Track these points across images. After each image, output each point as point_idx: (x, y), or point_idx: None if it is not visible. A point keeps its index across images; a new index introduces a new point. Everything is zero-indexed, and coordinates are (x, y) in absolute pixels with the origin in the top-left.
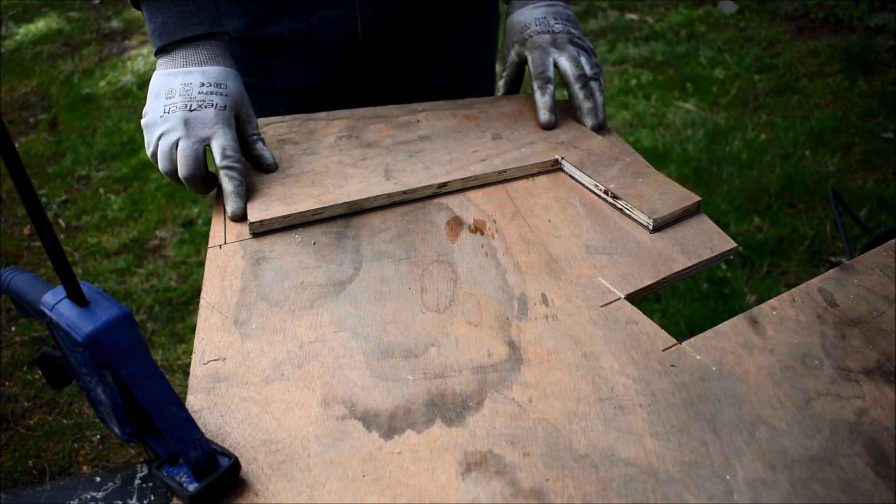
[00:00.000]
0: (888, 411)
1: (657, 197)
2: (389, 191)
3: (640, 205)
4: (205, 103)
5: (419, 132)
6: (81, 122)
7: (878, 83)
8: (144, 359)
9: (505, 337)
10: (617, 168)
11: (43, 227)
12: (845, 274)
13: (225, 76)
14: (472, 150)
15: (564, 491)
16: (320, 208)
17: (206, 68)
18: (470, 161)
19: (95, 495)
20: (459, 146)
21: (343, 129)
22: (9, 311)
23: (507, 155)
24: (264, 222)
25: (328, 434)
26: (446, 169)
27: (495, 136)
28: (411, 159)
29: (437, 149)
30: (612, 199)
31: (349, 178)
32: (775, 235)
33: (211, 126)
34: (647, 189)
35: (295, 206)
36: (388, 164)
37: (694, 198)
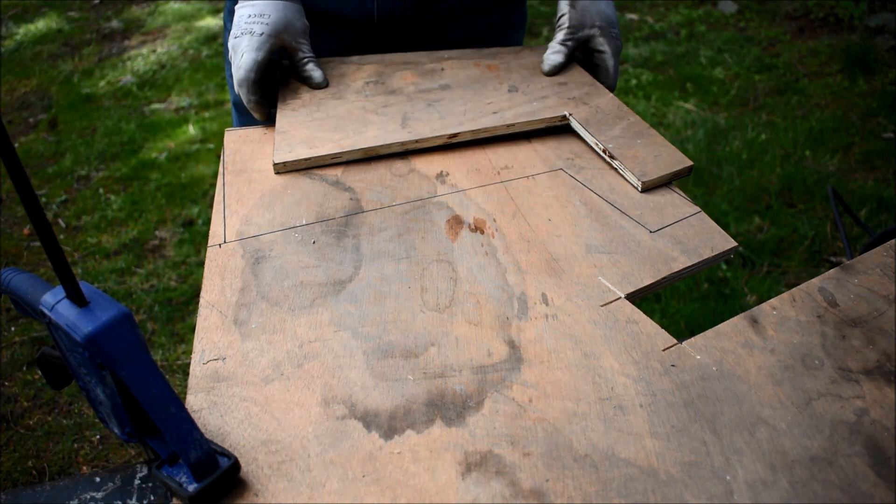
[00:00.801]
0: (888, 411)
1: (651, 159)
2: (403, 139)
3: (633, 166)
4: (245, 31)
5: (441, 81)
6: (81, 122)
7: (878, 83)
8: (144, 359)
9: (505, 336)
10: (620, 128)
11: (42, 227)
12: (845, 274)
13: (270, 8)
14: (486, 102)
15: (564, 491)
16: (338, 153)
17: (257, 1)
18: (482, 113)
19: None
20: (476, 97)
21: (372, 74)
22: (9, 311)
23: (519, 108)
24: (287, 163)
25: (328, 434)
26: (459, 120)
27: (511, 89)
28: (429, 108)
29: (454, 99)
30: (609, 157)
31: (369, 124)
32: (775, 235)
33: (245, 50)
34: (644, 151)
35: (316, 150)
36: (406, 112)
37: (686, 162)
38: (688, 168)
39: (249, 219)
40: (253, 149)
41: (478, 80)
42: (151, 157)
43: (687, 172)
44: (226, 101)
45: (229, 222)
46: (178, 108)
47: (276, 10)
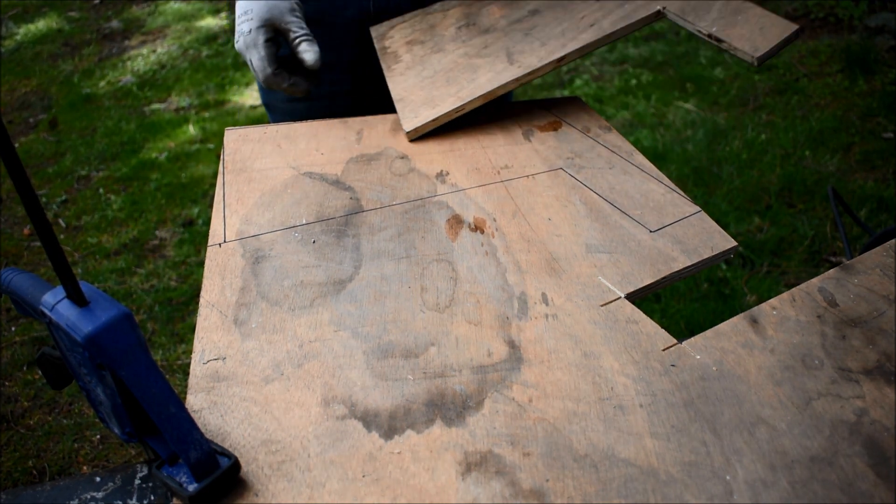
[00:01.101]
0: (888, 411)
1: (757, 32)
2: (516, 75)
3: (742, 44)
4: (240, 32)
5: (528, 6)
6: (81, 122)
7: (878, 83)
8: (144, 359)
9: (505, 336)
10: (716, 9)
11: (43, 227)
12: (845, 274)
13: (248, 5)
14: (580, 17)
15: (564, 491)
16: (460, 105)
17: (240, 1)
18: (580, 28)
19: (95, 495)
20: (567, 15)
21: (459, 17)
22: (9, 311)
23: (613, 15)
24: (418, 128)
25: (328, 434)
26: (561, 42)
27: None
28: (527, 38)
29: (548, 22)
30: (715, 42)
31: (477, 69)
32: (775, 235)
33: (246, 50)
34: (747, 26)
35: (439, 108)
36: (508, 48)
37: (792, 27)
38: (795, 32)
39: (249, 218)
40: (253, 148)
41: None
42: (151, 157)
43: (795, 37)
44: (226, 101)
45: (229, 222)
46: (178, 108)
47: (259, 2)
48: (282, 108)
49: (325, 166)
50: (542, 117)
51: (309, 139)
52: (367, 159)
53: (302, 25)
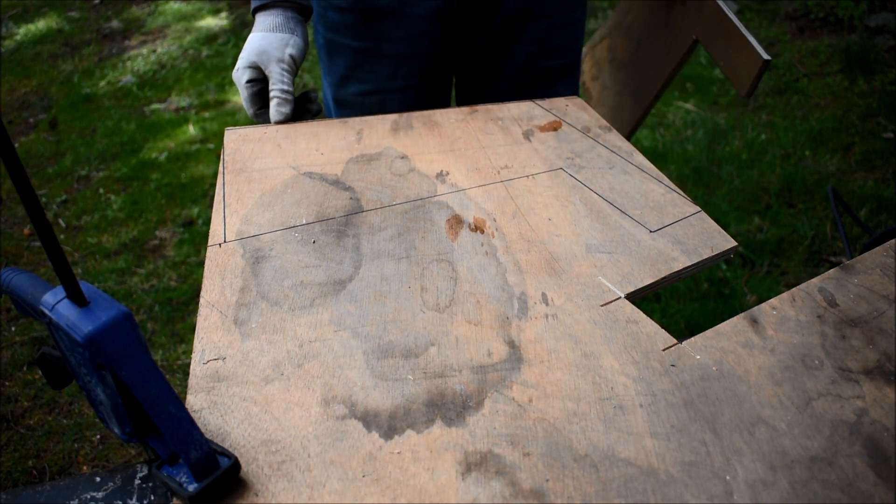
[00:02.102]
0: (888, 411)
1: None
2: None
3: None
4: (235, 69)
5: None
6: (81, 122)
7: (878, 83)
8: (144, 359)
9: (505, 336)
10: None
11: (43, 227)
12: (845, 274)
13: (248, 42)
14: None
15: (564, 491)
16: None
17: (251, 34)
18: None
19: (95, 495)
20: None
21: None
22: (9, 311)
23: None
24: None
25: (328, 434)
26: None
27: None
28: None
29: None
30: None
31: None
32: (775, 235)
33: (236, 84)
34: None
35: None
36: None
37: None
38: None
39: (249, 218)
40: (253, 148)
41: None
42: (151, 157)
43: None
44: (226, 101)
45: (229, 222)
46: (178, 108)
47: (252, 42)
48: (353, 101)
49: (325, 166)
50: (542, 117)
51: (309, 139)
52: (367, 159)
53: (283, 78)
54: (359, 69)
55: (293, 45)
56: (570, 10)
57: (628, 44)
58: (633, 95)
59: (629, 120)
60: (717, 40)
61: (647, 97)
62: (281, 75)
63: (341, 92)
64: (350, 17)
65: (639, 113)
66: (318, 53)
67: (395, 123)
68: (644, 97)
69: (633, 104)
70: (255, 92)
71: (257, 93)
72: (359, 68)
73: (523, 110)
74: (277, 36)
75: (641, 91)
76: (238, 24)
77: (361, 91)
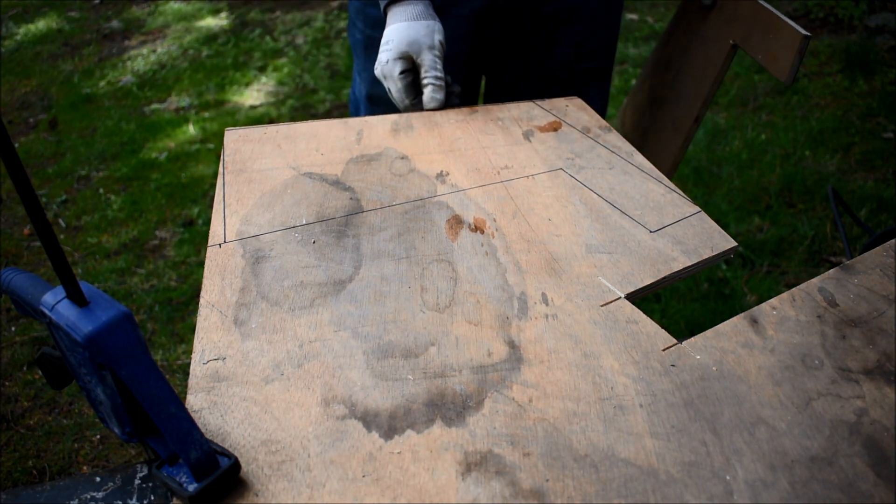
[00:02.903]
0: (888, 411)
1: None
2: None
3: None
4: (379, 62)
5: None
6: (81, 122)
7: (878, 83)
8: (144, 359)
9: (505, 336)
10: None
11: (43, 227)
12: (845, 274)
13: (394, 32)
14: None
15: (564, 491)
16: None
17: (388, 27)
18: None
19: (95, 495)
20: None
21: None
22: (9, 311)
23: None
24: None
25: (328, 434)
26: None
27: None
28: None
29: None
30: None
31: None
32: (775, 235)
33: (384, 79)
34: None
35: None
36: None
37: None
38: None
39: (249, 218)
40: (253, 148)
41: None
42: (151, 157)
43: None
44: (226, 101)
45: (229, 222)
46: (178, 108)
47: (399, 31)
48: (387, 99)
49: (325, 167)
50: (542, 117)
51: (309, 139)
52: (367, 159)
53: (436, 65)
54: None
55: (439, 31)
56: (610, 13)
57: (667, 78)
58: (673, 126)
59: (672, 153)
60: (754, 35)
61: (686, 123)
62: (434, 62)
63: (377, 89)
64: None
65: (679, 142)
66: (353, 49)
67: (395, 124)
68: (682, 124)
69: (674, 136)
70: (410, 83)
71: (411, 83)
72: None
73: (523, 110)
74: (423, 24)
75: (680, 120)
76: (238, 23)
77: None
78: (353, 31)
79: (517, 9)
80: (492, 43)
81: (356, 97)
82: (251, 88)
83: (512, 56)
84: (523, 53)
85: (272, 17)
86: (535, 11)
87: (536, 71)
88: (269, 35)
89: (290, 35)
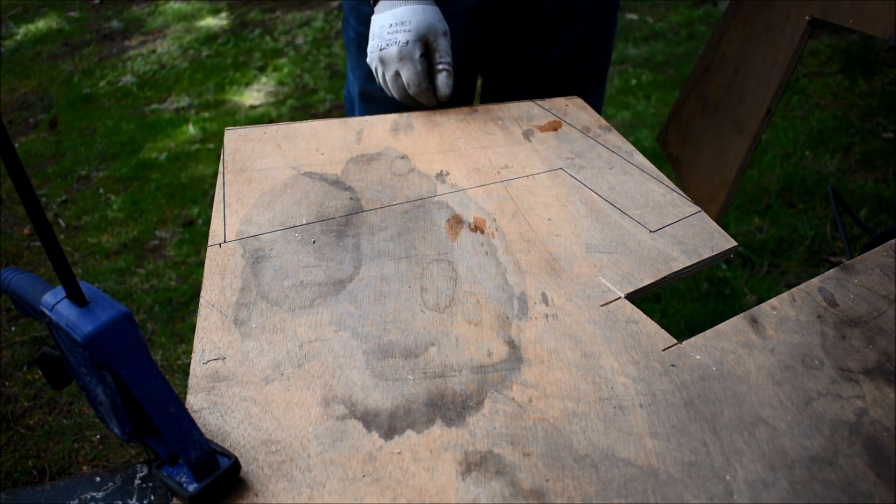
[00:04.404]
0: (888, 411)
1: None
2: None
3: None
4: (390, 42)
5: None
6: (81, 122)
7: (878, 83)
8: (144, 359)
9: (505, 336)
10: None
11: (43, 227)
12: (845, 274)
13: (410, 13)
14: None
15: (564, 491)
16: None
17: (396, 9)
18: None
19: (95, 495)
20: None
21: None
22: (9, 311)
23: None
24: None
25: (328, 434)
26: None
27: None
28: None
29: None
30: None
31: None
32: (775, 235)
33: (398, 61)
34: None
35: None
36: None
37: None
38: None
39: (249, 218)
40: (253, 148)
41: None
42: (151, 157)
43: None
44: (226, 101)
45: (229, 222)
46: (179, 108)
47: (416, 13)
48: (381, 97)
49: (325, 166)
50: (542, 117)
51: (309, 139)
52: (367, 159)
53: (449, 51)
54: None
55: (443, 18)
56: (607, 14)
57: (723, 79)
58: (737, 128)
59: (736, 158)
60: (839, 0)
61: (755, 121)
62: (447, 48)
63: (370, 87)
64: None
65: (746, 145)
66: (346, 47)
67: (395, 123)
68: (749, 123)
69: (739, 138)
70: (427, 67)
71: (427, 68)
72: None
73: (523, 110)
74: (434, 9)
75: (745, 119)
76: (238, 23)
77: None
78: (347, 28)
79: (515, 9)
80: (489, 43)
81: (350, 95)
82: (251, 88)
83: (510, 56)
84: (521, 54)
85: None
86: (533, 12)
87: (535, 71)
88: (269, 35)
89: (290, 35)
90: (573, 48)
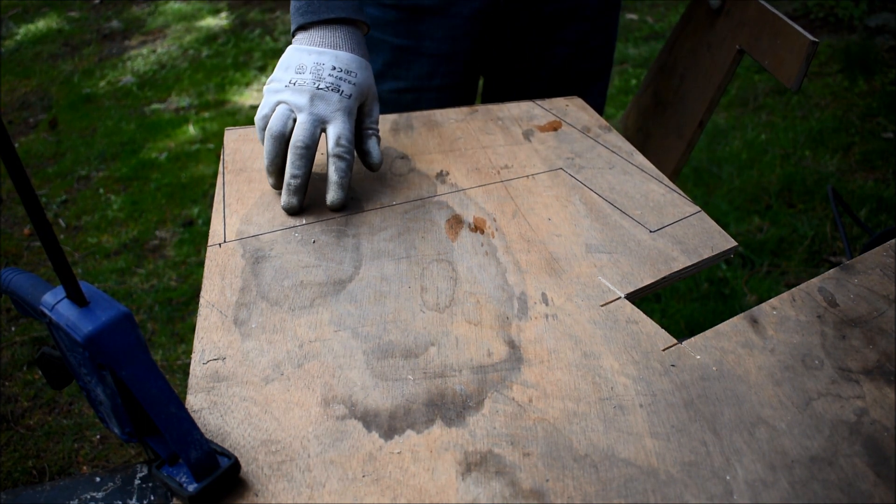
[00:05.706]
0: (888, 411)
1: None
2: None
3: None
4: (332, 87)
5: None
6: (81, 122)
7: (878, 83)
8: (144, 359)
9: (505, 336)
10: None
11: (43, 227)
12: (845, 274)
13: (356, 65)
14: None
15: (564, 491)
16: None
17: (340, 53)
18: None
19: (95, 495)
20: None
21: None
22: (9, 311)
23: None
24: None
25: (328, 434)
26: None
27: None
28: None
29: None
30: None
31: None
32: (775, 235)
33: (333, 110)
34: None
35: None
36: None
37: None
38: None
39: (249, 218)
40: (253, 148)
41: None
42: (151, 157)
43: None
44: (226, 101)
45: (229, 222)
46: (178, 108)
47: (361, 68)
48: (387, 98)
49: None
50: (542, 117)
51: None
52: None
53: (378, 118)
54: (396, 66)
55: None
56: (609, 11)
57: (672, 82)
58: (677, 132)
59: (674, 159)
60: (761, 41)
61: (690, 128)
62: (378, 113)
63: (377, 88)
64: (393, 14)
65: (682, 148)
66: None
67: (395, 123)
68: (687, 130)
69: (678, 142)
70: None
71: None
72: (396, 65)
73: (523, 110)
74: (370, 67)
75: (684, 125)
76: (238, 23)
77: (397, 88)
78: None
79: (518, 9)
80: (492, 43)
81: None
82: (251, 88)
83: (511, 56)
84: (523, 53)
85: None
86: (535, 11)
87: (536, 71)
88: (269, 35)
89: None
90: (575, 47)
